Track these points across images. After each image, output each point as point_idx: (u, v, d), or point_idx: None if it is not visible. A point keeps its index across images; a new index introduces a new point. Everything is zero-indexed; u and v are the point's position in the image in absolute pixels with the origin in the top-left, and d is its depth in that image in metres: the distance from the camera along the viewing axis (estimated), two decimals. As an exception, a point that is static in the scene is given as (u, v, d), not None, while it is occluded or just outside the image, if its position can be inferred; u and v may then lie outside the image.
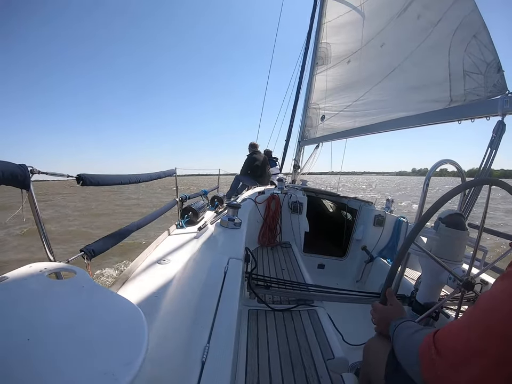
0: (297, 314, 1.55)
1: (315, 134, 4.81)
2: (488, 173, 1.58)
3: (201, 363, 0.68)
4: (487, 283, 1.65)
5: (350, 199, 3.54)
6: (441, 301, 0.98)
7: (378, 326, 0.89)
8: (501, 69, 1.65)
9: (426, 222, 0.93)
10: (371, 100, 3.25)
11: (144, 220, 1.50)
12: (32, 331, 0.45)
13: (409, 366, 0.59)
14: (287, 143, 5.92)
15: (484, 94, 1.75)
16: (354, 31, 3.77)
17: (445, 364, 0.46)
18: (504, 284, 0.44)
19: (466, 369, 0.42)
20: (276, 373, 1.12)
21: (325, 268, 3.27)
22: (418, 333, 0.62)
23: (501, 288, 0.44)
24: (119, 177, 1.22)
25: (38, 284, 0.59)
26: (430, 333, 0.53)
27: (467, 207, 1.61)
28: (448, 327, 0.50)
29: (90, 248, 0.98)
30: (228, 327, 0.84)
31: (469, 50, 1.85)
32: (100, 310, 0.56)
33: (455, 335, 0.47)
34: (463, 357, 0.43)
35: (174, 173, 1.98)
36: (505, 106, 1.50)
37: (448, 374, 0.45)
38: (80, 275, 0.66)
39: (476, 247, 0.98)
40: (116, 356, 0.43)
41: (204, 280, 1.11)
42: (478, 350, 0.41)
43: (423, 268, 1.25)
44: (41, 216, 0.78)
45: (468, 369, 0.42)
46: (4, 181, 0.66)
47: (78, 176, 0.92)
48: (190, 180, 53.52)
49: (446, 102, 2.04)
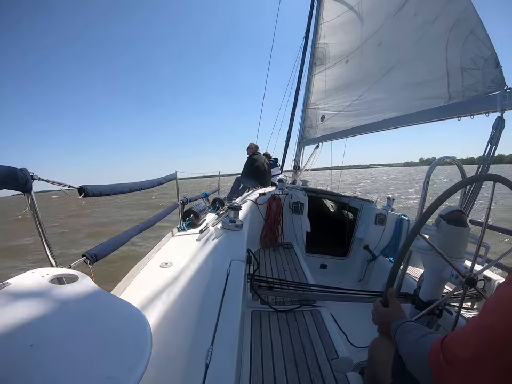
0: (300, 314, 1.54)
1: (315, 134, 4.81)
2: (488, 168, 1.58)
3: (205, 365, 0.68)
4: (490, 279, 1.64)
5: (351, 198, 3.54)
6: (443, 298, 0.97)
7: (379, 327, 0.89)
8: (499, 64, 1.65)
9: (427, 219, 0.92)
10: (370, 98, 3.26)
11: (146, 223, 1.50)
12: (35, 336, 0.45)
13: (419, 373, 0.58)
14: (287, 144, 5.94)
15: (482, 89, 1.74)
16: (351, 30, 3.78)
17: (456, 372, 0.45)
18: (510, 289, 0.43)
19: (477, 377, 0.41)
20: (280, 374, 1.12)
21: (327, 268, 3.27)
22: (425, 338, 0.61)
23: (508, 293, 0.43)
24: (120, 186, 1.21)
25: (41, 290, 0.60)
26: (438, 339, 0.52)
27: (468, 204, 1.61)
28: (455, 334, 0.50)
29: (92, 252, 0.98)
30: (231, 329, 0.84)
31: (466, 46, 1.85)
32: (103, 314, 0.56)
33: (463, 342, 0.46)
34: (473, 364, 0.42)
35: (175, 177, 1.99)
36: (504, 101, 1.50)
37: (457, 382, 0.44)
38: (82, 280, 0.66)
39: (479, 243, 0.98)
40: (120, 360, 0.44)
41: (206, 283, 1.11)
42: (488, 356, 0.41)
43: (426, 265, 1.25)
44: (42, 221, 0.78)
45: (478, 376, 0.41)
46: (6, 185, 0.66)
47: (80, 188, 0.92)
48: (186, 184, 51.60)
49: (445, 99, 2.04)
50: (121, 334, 0.51)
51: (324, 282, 1.84)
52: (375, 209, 3.08)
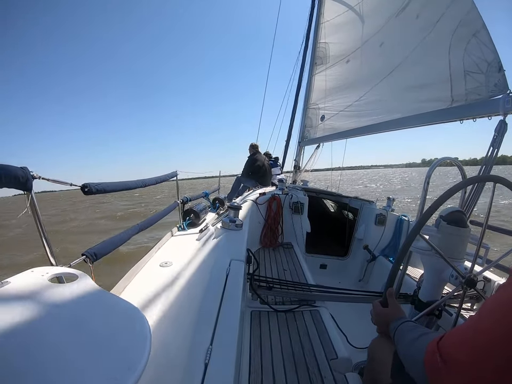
0: (299, 314, 1.54)
1: (315, 134, 4.81)
2: (490, 170, 1.58)
3: (205, 365, 0.68)
4: (490, 280, 1.64)
5: (351, 198, 3.54)
6: (443, 299, 0.97)
7: (379, 327, 0.89)
8: (502, 68, 1.65)
9: (427, 220, 0.92)
10: (372, 99, 3.25)
11: (146, 222, 1.50)
12: (34, 336, 0.45)
13: (415, 373, 0.58)
14: (288, 144, 5.93)
15: (485, 93, 1.74)
16: (352, 30, 3.77)
17: (451, 372, 0.45)
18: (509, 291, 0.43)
19: (473, 377, 0.41)
20: (279, 374, 1.12)
21: (327, 268, 3.27)
22: (422, 338, 0.61)
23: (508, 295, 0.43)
24: (124, 184, 1.20)
25: (40, 289, 0.59)
26: (435, 339, 0.52)
27: (469, 205, 1.61)
28: (452, 334, 0.49)
29: (92, 251, 0.97)
30: (231, 329, 0.84)
31: (469, 49, 1.85)
32: (103, 313, 0.56)
33: (460, 342, 0.46)
34: (469, 365, 0.42)
35: (176, 175, 1.99)
36: (506, 105, 1.50)
37: (453, 382, 0.44)
38: (82, 279, 0.66)
39: (479, 244, 0.98)
40: (119, 359, 0.43)
41: (206, 282, 1.11)
42: (484, 357, 0.40)
43: (425, 266, 1.25)
44: (42, 220, 0.78)
45: (474, 377, 0.41)
46: (6, 183, 0.66)
47: (82, 185, 0.91)
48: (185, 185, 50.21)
49: (448, 102, 2.04)
50: (120, 333, 0.50)
51: (324, 282, 1.84)
52: (375, 209, 3.08)
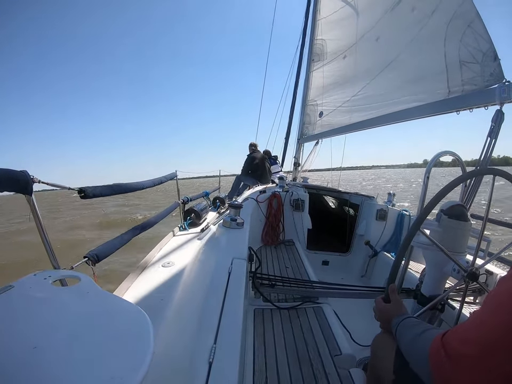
0: (302, 311, 1.55)
1: (314, 131, 4.80)
2: (488, 162, 1.57)
3: (209, 364, 0.68)
4: (492, 273, 1.64)
5: (351, 194, 3.53)
6: (445, 293, 0.98)
7: (381, 323, 0.89)
8: (497, 58, 1.64)
9: (428, 214, 0.92)
10: (369, 94, 3.24)
11: (147, 223, 1.50)
12: (38, 339, 0.46)
13: (419, 369, 0.58)
14: (287, 141, 5.93)
15: (481, 83, 1.74)
16: (349, 26, 3.76)
17: (457, 367, 0.45)
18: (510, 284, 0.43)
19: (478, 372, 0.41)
20: (283, 371, 1.12)
21: (329, 264, 3.27)
22: (425, 334, 0.61)
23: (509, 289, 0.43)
24: (121, 187, 1.19)
25: (43, 292, 0.60)
26: (439, 335, 0.52)
27: (469, 198, 1.60)
28: (456, 329, 0.50)
29: (94, 253, 0.97)
30: (234, 327, 0.84)
31: (464, 40, 1.84)
32: (106, 315, 0.56)
33: (464, 338, 0.46)
34: (474, 360, 0.42)
35: (175, 176, 1.99)
36: (502, 95, 1.50)
37: (459, 377, 0.44)
38: (84, 281, 0.67)
39: (480, 237, 0.98)
40: (123, 361, 0.44)
41: (208, 282, 1.11)
42: (489, 352, 0.41)
43: (427, 260, 1.25)
44: (43, 223, 0.78)
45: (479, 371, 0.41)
46: (7, 187, 0.67)
47: (80, 189, 0.91)
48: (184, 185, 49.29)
49: (445, 93, 2.04)
50: (124, 334, 0.51)
51: (326, 278, 1.85)
52: (376, 205, 3.08)
